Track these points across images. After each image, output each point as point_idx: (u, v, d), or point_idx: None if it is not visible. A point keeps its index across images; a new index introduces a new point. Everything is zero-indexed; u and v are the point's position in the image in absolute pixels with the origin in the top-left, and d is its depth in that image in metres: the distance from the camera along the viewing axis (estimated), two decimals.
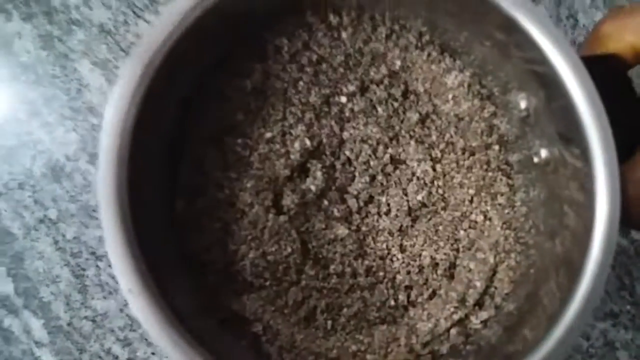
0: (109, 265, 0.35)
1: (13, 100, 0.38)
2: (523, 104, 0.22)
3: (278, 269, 0.23)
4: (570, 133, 0.20)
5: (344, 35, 0.24)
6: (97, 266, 0.36)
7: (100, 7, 0.39)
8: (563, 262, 0.20)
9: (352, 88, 0.24)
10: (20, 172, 0.37)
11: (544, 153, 0.22)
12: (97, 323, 0.35)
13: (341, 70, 0.24)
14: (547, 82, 0.21)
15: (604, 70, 0.22)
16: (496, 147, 0.24)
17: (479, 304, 0.23)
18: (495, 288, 0.23)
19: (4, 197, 0.37)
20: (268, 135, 0.24)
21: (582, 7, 0.39)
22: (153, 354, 0.35)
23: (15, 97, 0.38)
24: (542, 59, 0.20)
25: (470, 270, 0.23)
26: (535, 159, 0.22)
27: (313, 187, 0.24)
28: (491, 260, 0.23)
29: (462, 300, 0.23)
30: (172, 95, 0.22)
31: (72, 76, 0.38)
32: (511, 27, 0.20)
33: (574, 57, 0.20)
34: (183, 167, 0.23)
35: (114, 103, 0.19)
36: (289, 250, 0.23)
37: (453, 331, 0.22)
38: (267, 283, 0.23)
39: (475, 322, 0.22)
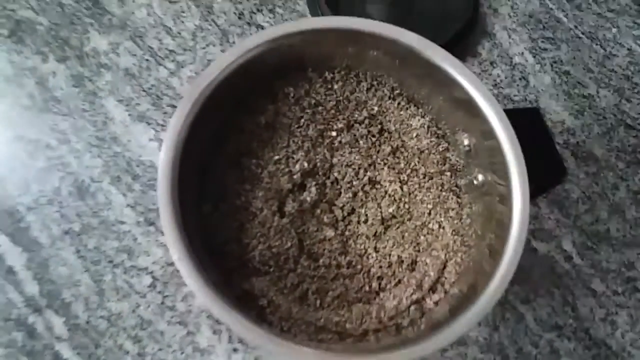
0: (124, 272, 0.43)
1: (46, 129, 0.46)
2: (466, 142, 0.32)
3: (280, 259, 0.32)
4: (497, 164, 0.30)
5: (335, 86, 0.34)
6: (114, 273, 0.42)
7: (126, 54, 0.48)
8: (490, 255, 0.29)
9: (340, 125, 0.34)
10: (50, 190, 0.44)
11: (480, 177, 0.32)
12: (111, 322, 0.41)
13: (332, 112, 0.34)
14: (482, 127, 0.31)
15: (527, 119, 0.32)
16: (448, 174, 0.34)
17: (432, 289, 0.32)
18: (445, 278, 0.32)
19: (34, 211, 0.44)
20: (276, 158, 0.33)
21: (533, 71, 0.50)
22: (160, 350, 0.42)
23: (48, 126, 0.46)
24: (478, 112, 0.30)
25: (426, 264, 0.32)
26: (475, 182, 0.32)
27: (309, 199, 0.33)
28: (442, 257, 0.32)
29: (420, 286, 0.32)
30: (206, 126, 0.31)
31: (99, 110, 0.46)
32: (456, 87, 0.30)
33: (500, 110, 0.30)
34: (209, 181, 0.32)
35: (171, 129, 0.28)
36: (289, 245, 0.32)
37: (412, 309, 0.31)
38: (271, 269, 0.31)
39: (429, 302, 0.31)
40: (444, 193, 0.34)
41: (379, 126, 0.34)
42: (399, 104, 0.34)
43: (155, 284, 0.43)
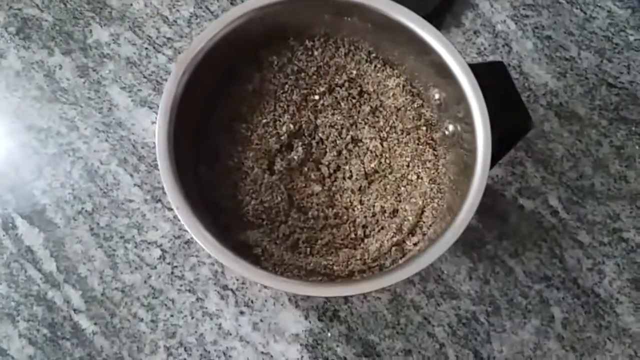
0: (135, 247, 0.47)
1: (55, 117, 0.51)
2: (437, 96, 0.36)
3: (272, 213, 0.36)
4: (463, 112, 0.34)
5: (315, 53, 0.38)
6: (126, 247, 0.47)
7: (127, 44, 0.53)
8: (459, 196, 0.33)
9: (322, 89, 0.38)
10: (62, 174, 0.49)
11: (451, 128, 0.36)
12: (125, 293, 0.46)
13: (314, 77, 0.38)
14: (450, 82, 0.34)
15: (490, 72, 0.36)
16: (424, 128, 0.38)
17: (412, 232, 0.36)
18: (423, 222, 0.36)
19: (48, 194, 0.49)
20: (264, 121, 0.37)
21: (515, 37, 0.53)
22: (172, 316, 0.46)
23: (57, 115, 0.50)
24: (445, 66, 0.34)
25: (406, 210, 0.36)
26: (446, 133, 0.36)
27: (296, 157, 0.37)
28: (420, 203, 0.36)
29: (400, 230, 0.35)
30: (197, 92, 0.35)
31: (104, 98, 0.51)
32: (427, 48, 0.34)
33: (463, 62, 0.33)
34: (204, 144, 0.37)
35: (165, 93, 0.33)
36: (279, 199, 0.36)
37: (393, 250, 0.35)
38: (264, 222, 0.36)
39: (409, 244, 0.35)
40: (420, 146, 0.38)
41: (358, 88, 0.39)
42: (375, 66, 0.38)
43: (165, 256, 0.47)
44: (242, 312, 0.46)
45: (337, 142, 0.38)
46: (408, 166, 0.37)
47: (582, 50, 0.52)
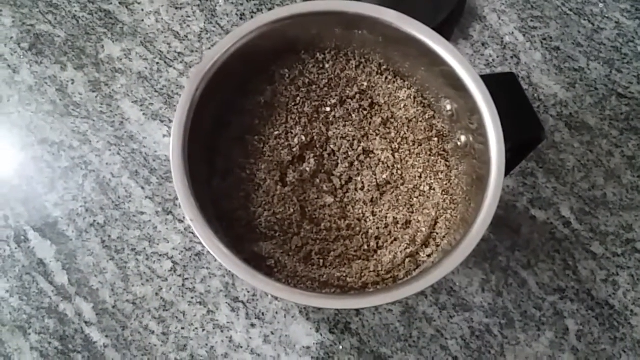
0: (146, 259, 0.47)
1: (68, 131, 0.51)
2: (449, 107, 0.36)
3: (284, 224, 0.36)
4: (476, 123, 0.34)
5: (327, 66, 0.38)
6: (137, 259, 0.47)
7: (138, 59, 0.53)
8: (473, 208, 0.33)
9: (333, 101, 0.39)
10: (74, 187, 0.50)
11: (463, 139, 0.35)
12: (137, 305, 0.46)
13: (325, 89, 0.38)
14: (462, 93, 0.34)
15: (501, 83, 0.36)
16: (435, 139, 0.38)
17: (425, 244, 0.36)
18: (437, 233, 0.36)
19: (60, 207, 0.49)
20: (276, 133, 0.37)
21: (524, 49, 0.53)
22: (183, 328, 0.46)
23: (70, 129, 0.51)
24: (456, 77, 0.34)
25: (419, 222, 0.36)
26: (459, 144, 0.36)
27: (308, 169, 0.37)
28: (434, 214, 0.36)
29: (413, 241, 0.35)
30: (210, 108, 0.35)
31: (116, 112, 0.52)
32: (438, 60, 0.34)
33: (475, 73, 0.33)
34: (217, 156, 0.37)
35: (179, 110, 0.33)
36: (292, 211, 0.36)
37: (407, 262, 0.35)
38: (277, 234, 0.36)
39: (422, 255, 0.35)
40: (432, 157, 0.37)
41: (369, 100, 0.39)
42: (386, 78, 0.38)
43: (176, 268, 0.47)
44: (253, 325, 0.45)
45: (349, 153, 0.38)
46: (420, 177, 0.37)
47: (591, 61, 0.52)
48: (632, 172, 0.49)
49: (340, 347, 0.45)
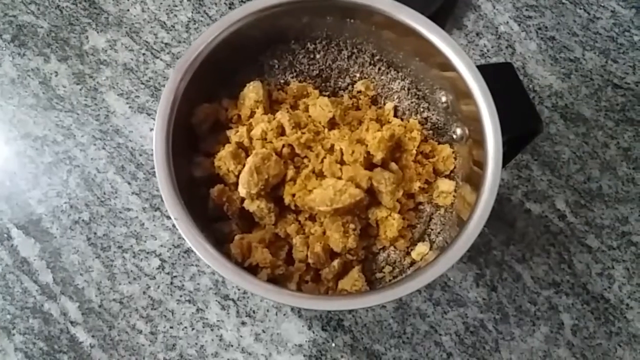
0: (133, 256, 0.45)
1: (51, 125, 0.49)
2: (444, 99, 0.34)
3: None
4: (471, 115, 0.32)
5: (317, 56, 0.36)
6: (124, 257, 0.45)
7: (124, 50, 0.51)
8: (467, 202, 0.31)
9: (325, 93, 0.37)
10: (58, 183, 0.48)
11: (459, 131, 0.34)
12: (124, 304, 0.44)
13: (317, 81, 0.37)
14: (456, 84, 0.33)
15: (498, 74, 0.34)
16: (430, 132, 0.36)
17: (420, 240, 0.34)
18: (431, 229, 0.34)
19: (44, 204, 0.47)
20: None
21: (519, 39, 0.52)
22: (171, 327, 0.44)
23: (53, 122, 0.49)
24: (451, 66, 0.32)
25: (413, 217, 0.35)
26: (454, 136, 0.34)
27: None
28: (428, 210, 0.35)
29: (407, 238, 0.34)
30: (196, 99, 0.34)
31: (101, 105, 0.50)
32: (433, 49, 0.33)
33: (470, 62, 0.32)
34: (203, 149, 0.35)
35: (162, 102, 0.31)
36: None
37: (401, 259, 0.33)
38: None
39: (417, 252, 0.34)
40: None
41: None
42: (379, 69, 0.36)
43: (164, 265, 0.45)
44: (243, 323, 0.44)
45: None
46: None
47: (586, 50, 0.51)
48: (627, 163, 0.47)
49: (333, 345, 0.43)
